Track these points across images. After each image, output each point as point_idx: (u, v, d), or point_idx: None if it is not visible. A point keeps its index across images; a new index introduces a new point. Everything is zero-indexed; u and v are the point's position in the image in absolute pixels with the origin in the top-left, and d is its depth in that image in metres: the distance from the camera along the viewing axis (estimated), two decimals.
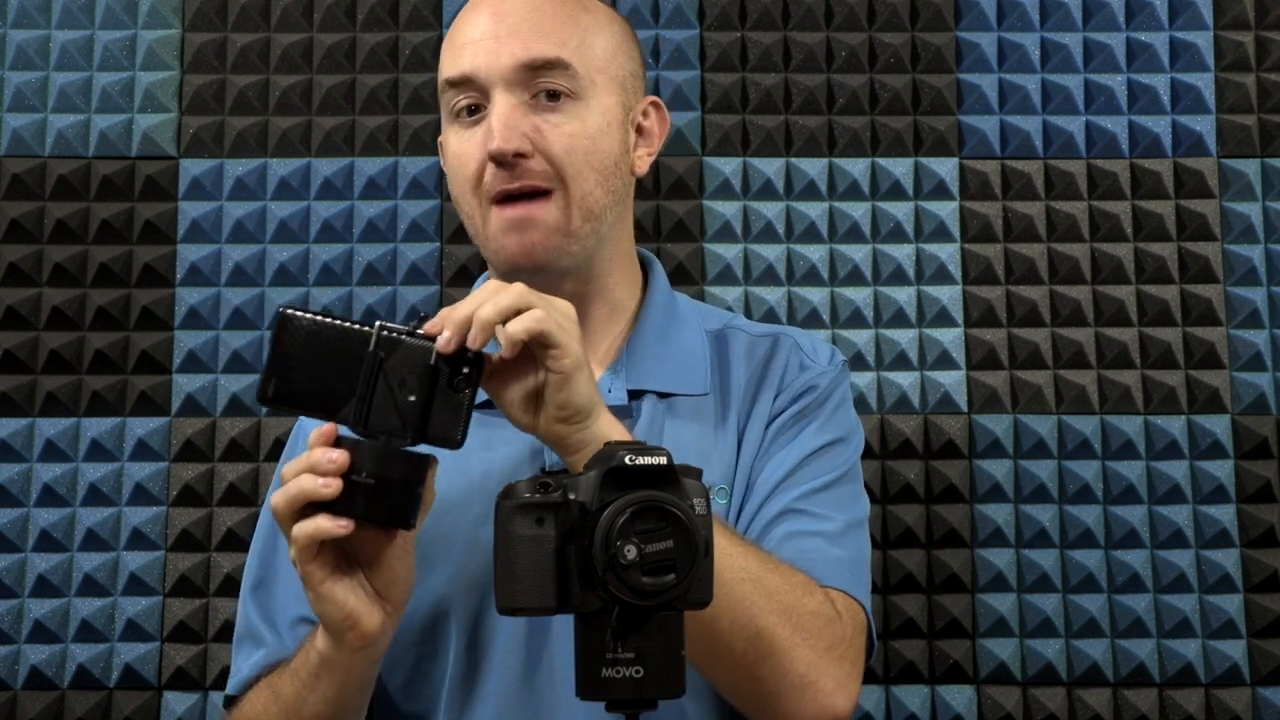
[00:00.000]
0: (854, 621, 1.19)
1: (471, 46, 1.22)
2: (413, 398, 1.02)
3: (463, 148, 1.23)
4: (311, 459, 1.01)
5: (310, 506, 1.01)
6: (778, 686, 1.12)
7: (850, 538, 1.24)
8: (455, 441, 1.04)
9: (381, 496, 1.01)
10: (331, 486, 0.99)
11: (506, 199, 1.21)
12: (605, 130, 1.24)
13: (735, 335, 1.33)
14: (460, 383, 1.03)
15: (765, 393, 1.28)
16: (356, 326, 1.03)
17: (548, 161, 1.21)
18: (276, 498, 1.03)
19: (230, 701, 1.25)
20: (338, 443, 1.01)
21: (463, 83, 1.22)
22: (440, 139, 1.31)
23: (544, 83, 1.21)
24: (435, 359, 1.02)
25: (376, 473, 1.00)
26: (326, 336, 1.02)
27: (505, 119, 1.20)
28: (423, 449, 1.04)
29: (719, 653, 1.12)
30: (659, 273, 1.35)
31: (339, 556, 1.05)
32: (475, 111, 1.23)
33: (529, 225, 1.21)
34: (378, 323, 1.03)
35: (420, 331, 1.03)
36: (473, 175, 1.22)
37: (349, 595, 1.05)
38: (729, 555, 1.08)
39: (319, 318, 1.03)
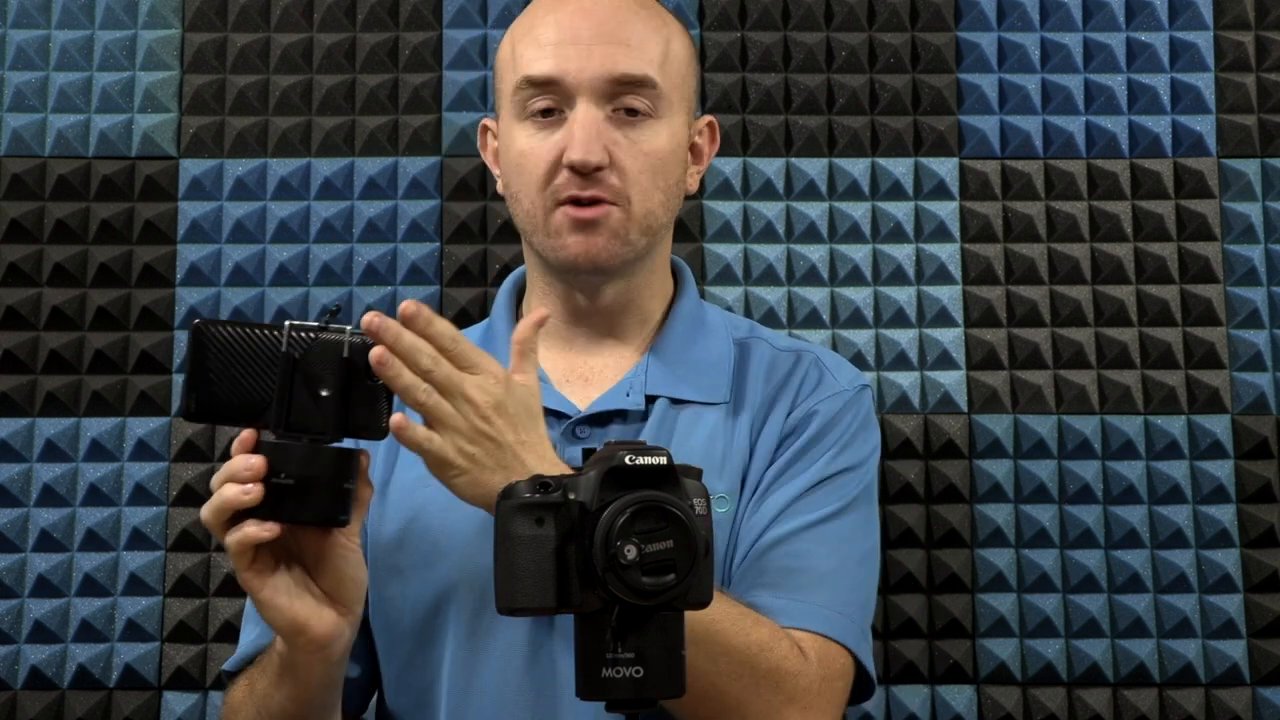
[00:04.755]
0: (825, 669, 1.17)
1: (557, 48, 1.22)
2: (328, 393, 1.01)
3: (533, 147, 1.23)
4: (231, 467, 1.01)
5: (239, 514, 1.01)
6: None
7: (844, 576, 1.22)
8: (379, 432, 1.03)
9: (306, 496, 1.00)
10: (252, 493, 1.00)
11: (574, 201, 1.22)
12: (674, 152, 1.26)
13: (758, 345, 1.33)
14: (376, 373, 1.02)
15: (780, 407, 1.28)
16: (268, 330, 1.02)
17: (619, 178, 1.22)
18: (204, 510, 1.03)
19: (228, 677, 1.26)
20: (257, 448, 1.01)
21: (546, 84, 1.22)
22: (487, 124, 1.32)
23: (628, 99, 1.22)
24: (348, 351, 1.01)
25: (298, 473, 1.00)
26: (241, 344, 1.02)
27: (589, 131, 1.20)
28: (352, 444, 1.04)
29: (674, 707, 1.12)
30: (689, 281, 1.36)
31: (280, 561, 1.05)
32: (548, 113, 1.23)
33: (594, 229, 1.22)
34: (287, 322, 1.02)
35: (332, 326, 1.02)
36: (543, 176, 1.23)
37: (293, 601, 1.05)
38: None
39: (231, 327, 1.02)
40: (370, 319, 1.01)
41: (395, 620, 1.23)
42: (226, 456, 1.74)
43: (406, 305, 1.03)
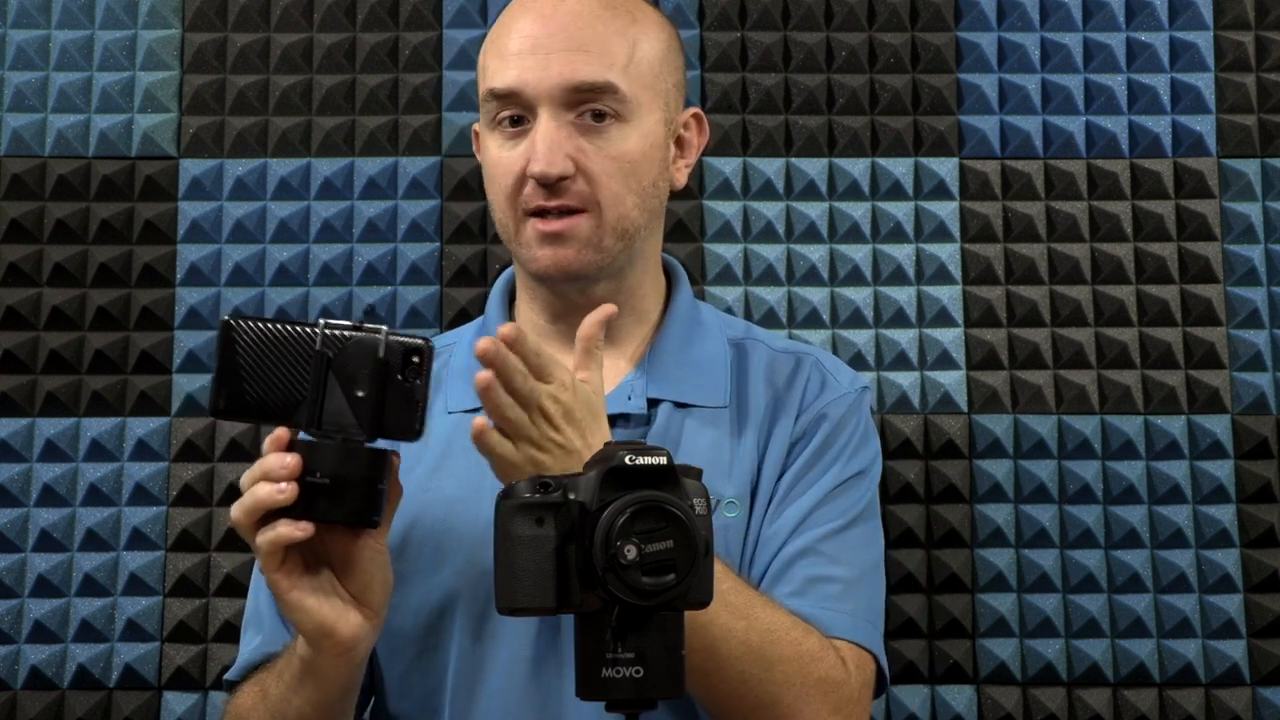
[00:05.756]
0: (862, 677, 1.20)
1: (519, 59, 1.22)
2: (363, 393, 0.99)
3: (502, 157, 1.24)
4: (265, 465, 1.00)
5: (270, 514, 1.00)
6: None
7: (866, 583, 1.25)
8: (413, 433, 1.02)
9: (340, 496, 0.99)
10: (287, 492, 0.98)
11: (542, 212, 1.22)
12: (647, 152, 1.25)
13: (755, 347, 1.33)
14: (411, 373, 1.01)
15: (786, 414, 1.28)
16: (301, 328, 1.00)
17: (588, 183, 1.21)
18: (235, 509, 1.01)
19: (231, 686, 1.25)
20: (291, 445, 1.00)
21: (508, 96, 1.22)
22: (476, 128, 1.32)
23: (591, 105, 1.22)
24: (383, 351, 1.00)
25: (333, 473, 0.99)
26: (272, 341, 1.00)
27: (550, 142, 1.20)
28: (382, 444, 1.02)
29: (724, 713, 1.15)
30: (683, 280, 1.36)
31: (308, 563, 1.04)
32: (518, 122, 1.23)
33: (563, 240, 1.22)
34: (322, 320, 1.01)
35: (366, 325, 1.01)
36: (511, 186, 1.23)
37: (321, 604, 1.04)
38: (731, 631, 1.10)
39: (263, 323, 1.00)
40: (486, 346, 1.02)
41: (398, 625, 1.23)
42: (227, 457, 1.77)
43: (508, 330, 1.04)
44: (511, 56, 1.23)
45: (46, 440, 1.76)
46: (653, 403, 1.26)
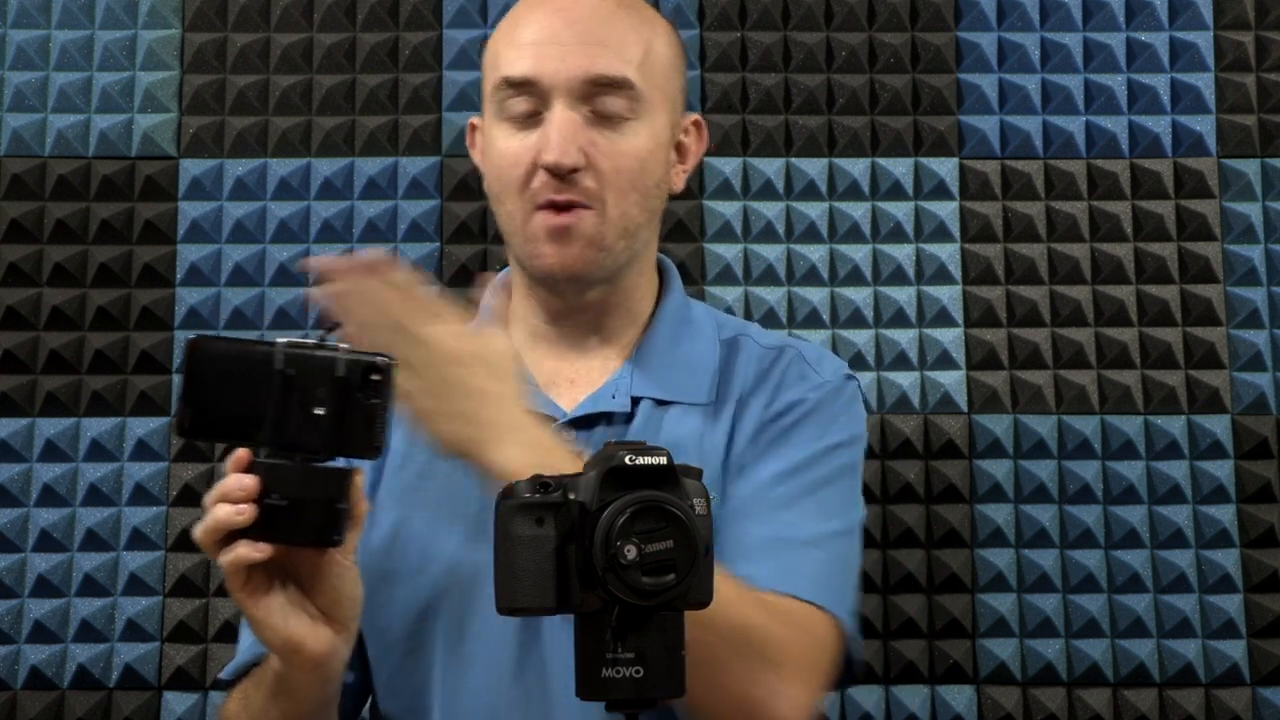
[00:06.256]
0: (807, 633, 1.15)
1: (535, 48, 1.21)
2: (321, 411, 0.99)
3: (512, 148, 1.23)
4: (224, 487, 0.99)
5: (231, 534, 0.99)
6: (713, 707, 1.10)
7: (825, 547, 1.20)
8: (372, 451, 1.01)
9: (299, 518, 0.99)
10: (245, 514, 0.98)
11: (550, 205, 1.21)
12: (654, 152, 1.25)
13: (746, 343, 1.32)
14: (370, 391, 1.00)
15: (759, 398, 1.27)
16: (263, 346, 0.99)
17: (595, 179, 1.21)
18: (196, 529, 1.02)
19: (226, 685, 1.26)
20: (251, 466, 0.99)
21: (523, 85, 1.21)
22: (475, 122, 1.31)
23: (606, 100, 1.21)
24: (343, 370, 0.99)
25: (291, 494, 0.98)
26: (235, 360, 0.99)
27: (565, 133, 1.19)
28: (344, 462, 1.02)
29: None
30: (675, 280, 1.35)
31: (275, 580, 1.03)
32: (530, 115, 1.22)
33: (569, 238, 1.21)
34: (281, 339, 1.00)
35: (327, 343, 1.00)
36: (520, 178, 1.22)
37: (288, 620, 1.03)
38: None
39: (226, 341, 1.00)
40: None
41: (386, 626, 1.23)
42: (226, 457, 1.76)
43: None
44: (527, 46, 1.22)
45: (46, 440, 1.76)
46: (636, 401, 1.26)
